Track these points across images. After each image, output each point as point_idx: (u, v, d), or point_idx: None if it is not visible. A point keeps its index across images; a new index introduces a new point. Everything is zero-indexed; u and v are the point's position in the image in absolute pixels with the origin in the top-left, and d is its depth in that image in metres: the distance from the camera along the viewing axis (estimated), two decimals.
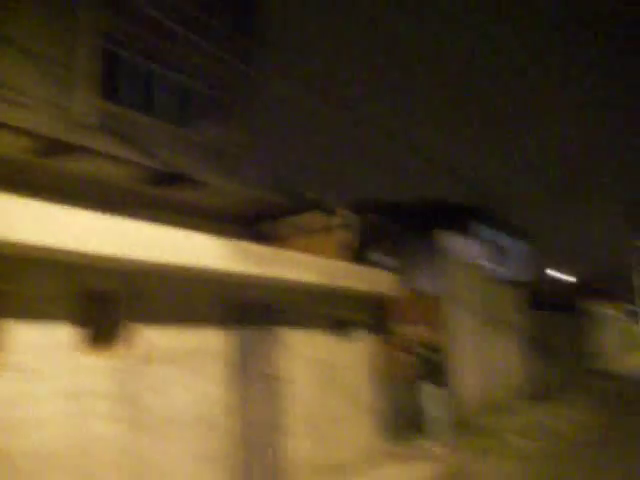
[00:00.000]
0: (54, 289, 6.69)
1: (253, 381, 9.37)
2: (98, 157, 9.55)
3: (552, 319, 25.79)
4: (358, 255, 12.79)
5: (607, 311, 41.74)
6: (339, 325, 11.49)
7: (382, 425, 12.36)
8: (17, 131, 8.52)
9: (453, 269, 17.14)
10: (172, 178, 10.66)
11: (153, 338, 7.71)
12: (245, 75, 12.89)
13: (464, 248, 18.42)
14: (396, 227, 14.82)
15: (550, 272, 52.66)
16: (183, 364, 8.07)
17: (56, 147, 9.03)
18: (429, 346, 13.01)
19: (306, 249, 12.52)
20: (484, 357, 18.34)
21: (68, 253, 6.35)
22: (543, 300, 24.78)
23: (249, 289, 9.33)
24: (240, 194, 12.20)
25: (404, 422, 13.01)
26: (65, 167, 9.71)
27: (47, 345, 6.54)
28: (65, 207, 6.27)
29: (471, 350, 17.41)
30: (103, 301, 7.45)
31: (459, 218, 24.47)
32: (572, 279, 51.26)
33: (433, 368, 12.83)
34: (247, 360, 9.29)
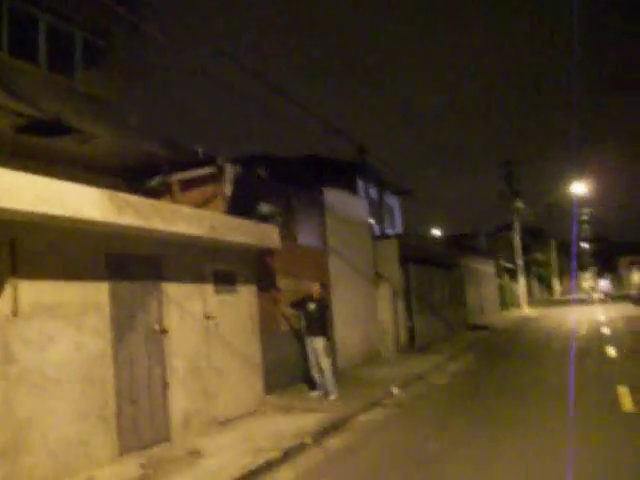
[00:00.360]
0: None
1: (136, 335, 9.35)
2: None
3: (432, 274, 26.58)
4: (244, 209, 12.80)
5: (486, 268, 43.31)
6: (223, 278, 11.54)
7: (267, 378, 12.55)
8: None
9: (338, 225, 17.42)
10: (53, 128, 10.38)
11: (34, 292, 7.57)
12: (132, 23, 12.56)
13: (348, 204, 18.70)
14: (283, 182, 14.87)
15: (431, 229, 54.13)
16: (64, 318, 7.97)
17: None
18: (313, 299, 13.17)
19: (193, 203, 12.48)
20: (365, 311, 18.80)
21: None
22: (423, 256, 25.48)
23: (131, 242, 9.24)
24: (127, 146, 12.01)
25: (289, 374, 13.25)
26: None
27: None
28: None
29: (353, 304, 17.82)
30: None
31: (344, 175, 24.77)
32: (451, 236, 52.92)
33: (317, 321, 13.00)
34: (130, 314, 9.24)
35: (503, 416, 10.67)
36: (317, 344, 12.91)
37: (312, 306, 13.10)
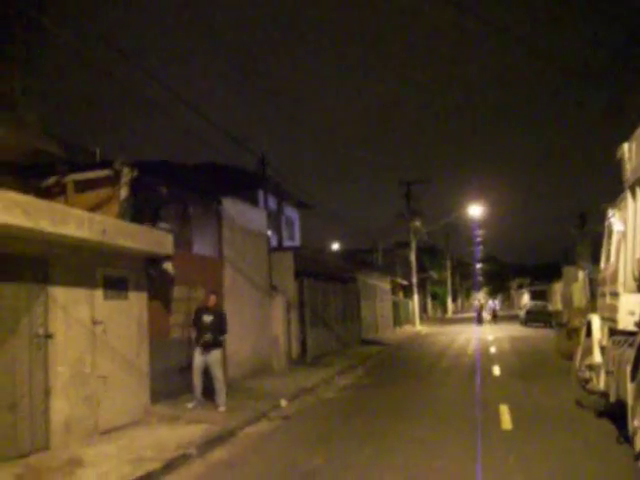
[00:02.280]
0: None
1: (19, 339, 9.07)
2: None
3: (327, 288, 26.82)
4: (138, 214, 12.64)
5: (382, 284, 43.92)
6: (114, 284, 11.35)
7: (155, 387, 12.39)
8: None
9: (234, 235, 17.37)
10: None
11: None
12: (32, 17, 12.26)
13: (247, 215, 18.67)
14: (180, 189, 14.74)
15: (330, 243, 54.53)
16: None
17: None
18: (209, 310, 13.03)
19: (88, 205, 12.24)
20: (258, 322, 18.78)
21: None
22: (319, 269, 25.68)
23: (18, 242, 8.97)
24: (21, 143, 11.70)
25: (177, 384, 13.07)
26: None
27: None
28: None
29: (246, 315, 17.77)
30: None
31: (244, 185, 24.74)
32: (349, 251, 53.44)
33: (213, 332, 12.85)
34: (13, 316, 8.97)
35: (387, 432, 10.80)
36: (213, 356, 12.77)
37: (208, 318, 12.92)
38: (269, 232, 21.32)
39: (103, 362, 10.82)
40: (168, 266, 12.76)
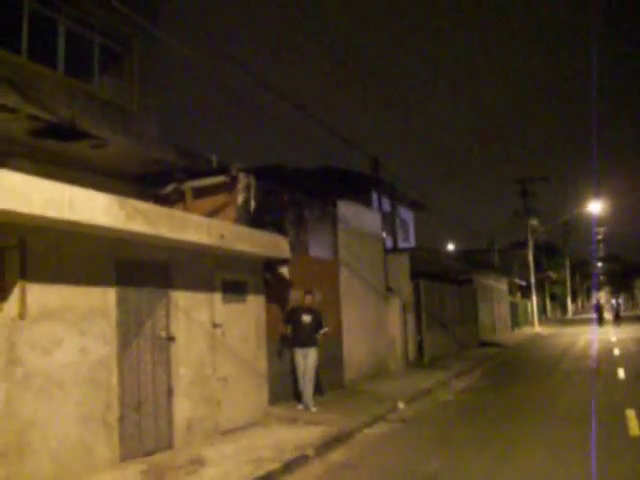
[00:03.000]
0: None
1: (143, 341, 9.38)
2: None
3: (443, 290, 26.55)
4: (256, 219, 12.84)
5: (499, 285, 43.14)
6: (232, 287, 11.57)
7: (271, 388, 12.56)
8: None
9: (349, 237, 17.43)
10: (68, 132, 10.46)
11: (42, 295, 7.63)
12: (149, 33, 12.68)
13: (361, 217, 18.70)
14: (296, 193, 14.89)
15: (445, 244, 53.97)
16: (71, 323, 8.02)
17: None
18: (306, 310, 13.01)
19: (205, 211, 12.54)
20: (375, 324, 18.76)
21: None
22: (435, 271, 25.45)
23: (141, 248, 9.29)
24: (141, 153, 12.09)
25: (293, 385, 13.20)
26: None
27: None
28: None
29: (362, 317, 17.79)
30: None
31: (358, 188, 24.74)
32: (465, 251, 52.73)
33: (312, 332, 12.87)
34: (137, 320, 9.28)
35: (507, 436, 10.58)
36: (313, 356, 12.83)
37: (307, 317, 12.95)
38: (384, 234, 21.26)
39: (223, 364, 11.06)
40: (284, 270, 12.90)
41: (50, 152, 11.13)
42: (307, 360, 12.76)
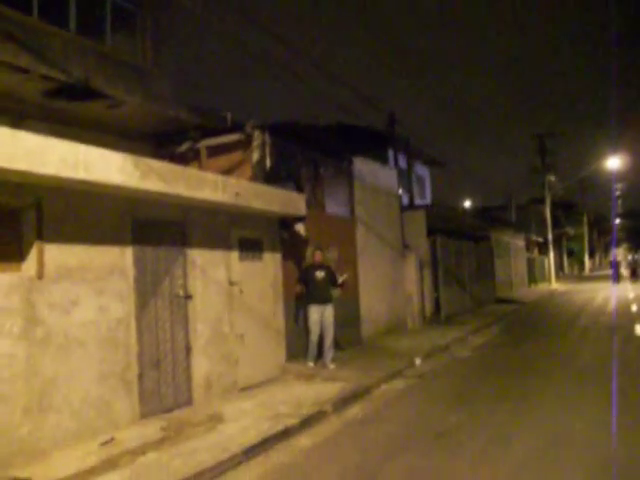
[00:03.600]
0: None
1: (160, 300, 9.44)
2: (5, 68, 9.26)
3: (460, 246, 26.46)
4: (271, 176, 12.82)
5: (516, 241, 42.99)
6: (248, 245, 11.60)
7: (288, 345, 12.63)
8: None
9: (365, 194, 17.38)
10: (82, 92, 10.43)
11: (59, 255, 7.66)
12: None
13: (377, 174, 18.62)
14: (311, 150, 14.83)
15: (461, 200, 53.79)
16: (89, 282, 8.06)
17: None
18: (318, 266, 12.96)
19: (221, 169, 12.52)
20: (392, 281, 18.79)
21: None
22: (452, 227, 25.36)
23: (157, 207, 9.30)
24: (155, 112, 12.06)
25: (305, 344, 13.24)
26: None
27: None
28: None
29: (379, 274, 17.82)
30: (6, 217, 7.34)
31: (374, 144, 24.61)
32: (481, 208, 52.54)
33: (326, 287, 12.86)
34: (154, 279, 9.33)
35: (524, 391, 10.61)
36: (330, 312, 12.84)
37: (321, 274, 12.93)
38: (400, 190, 21.19)
39: (240, 321, 11.13)
40: (300, 227, 12.89)
41: (64, 113, 11.13)
42: (324, 316, 12.80)
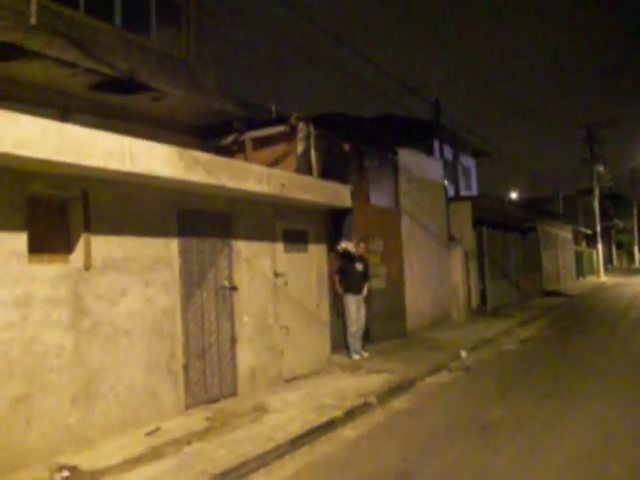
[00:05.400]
0: (1, 196, 6.61)
1: (206, 291, 9.50)
2: (53, 62, 9.38)
3: (506, 238, 26.23)
4: (317, 168, 12.81)
5: (563, 233, 42.47)
6: (293, 237, 11.61)
7: (333, 336, 12.62)
8: None
9: (411, 185, 17.28)
10: (127, 85, 10.52)
11: (106, 247, 7.74)
12: None
13: (422, 165, 18.50)
14: (356, 141, 14.77)
15: (508, 191, 53.22)
16: (135, 273, 8.14)
17: (9, 51, 8.84)
18: (358, 258, 12.88)
19: (265, 161, 12.54)
20: (437, 273, 18.68)
21: (16, 159, 6.27)
22: (498, 219, 25.14)
23: (202, 199, 9.35)
24: (200, 105, 12.12)
25: (343, 334, 13.15)
26: (17, 72, 9.55)
27: None
28: (11, 112, 6.17)
29: (424, 265, 17.72)
30: (54, 209, 7.44)
31: (419, 135, 24.47)
32: (528, 199, 51.93)
33: (363, 280, 12.84)
34: (200, 270, 9.39)
35: (571, 386, 10.47)
36: (363, 303, 12.92)
37: (360, 266, 12.88)
38: (445, 182, 21.02)
39: (285, 313, 11.15)
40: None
41: (110, 106, 11.24)
42: (360, 307, 12.83)
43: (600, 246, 48.06)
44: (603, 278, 45.60)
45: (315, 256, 12.30)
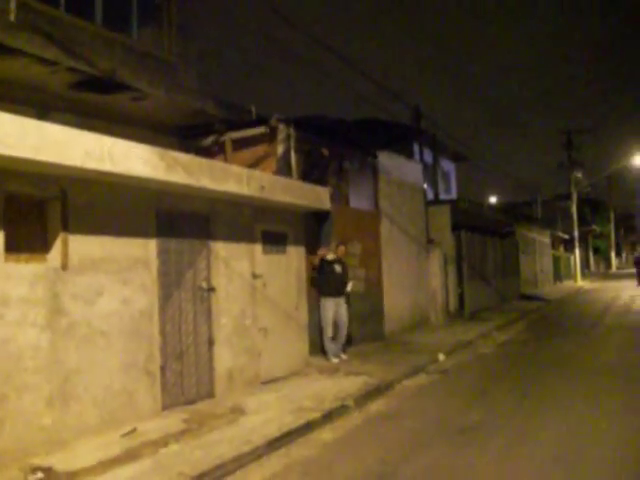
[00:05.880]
0: None
1: (184, 292, 9.47)
2: (32, 60, 9.30)
3: (485, 242, 26.35)
4: (296, 170, 12.82)
5: (541, 238, 42.71)
6: (272, 239, 11.59)
7: (311, 339, 12.62)
8: None
9: (390, 188, 17.33)
10: (107, 84, 10.46)
11: (84, 246, 7.69)
12: None
13: (402, 168, 18.55)
14: (336, 144, 14.79)
15: (487, 196, 53.50)
16: (113, 273, 8.09)
17: None
18: (337, 260, 12.90)
19: (245, 162, 12.53)
20: (415, 276, 18.73)
21: None
22: (477, 223, 25.24)
23: (181, 200, 9.32)
24: (180, 105, 12.07)
25: (319, 337, 13.16)
26: None
27: None
28: None
29: (403, 269, 17.77)
30: (32, 208, 7.39)
31: (399, 139, 24.54)
32: (507, 204, 52.22)
33: (342, 282, 12.87)
34: (178, 271, 9.36)
35: (548, 389, 10.52)
36: (343, 305, 12.93)
37: (339, 268, 12.92)
38: (425, 185, 21.10)
39: (264, 314, 11.13)
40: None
41: (90, 105, 11.16)
42: (339, 309, 12.84)
43: (577, 251, 48.37)
44: (580, 283, 45.85)
45: (294, 258, 12.29)
